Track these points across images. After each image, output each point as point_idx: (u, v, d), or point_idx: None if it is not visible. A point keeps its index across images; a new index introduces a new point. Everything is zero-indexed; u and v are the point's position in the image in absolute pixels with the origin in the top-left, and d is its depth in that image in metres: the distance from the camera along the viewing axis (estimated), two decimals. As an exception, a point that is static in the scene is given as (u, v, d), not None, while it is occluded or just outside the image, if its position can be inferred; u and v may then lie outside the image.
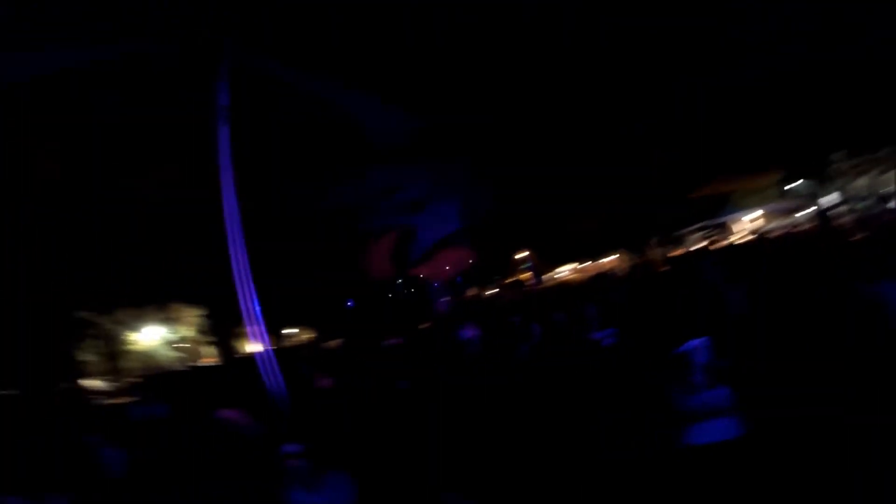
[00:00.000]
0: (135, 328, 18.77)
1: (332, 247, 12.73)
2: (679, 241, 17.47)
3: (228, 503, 3.79)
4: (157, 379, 14.39)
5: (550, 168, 12.97)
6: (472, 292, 24.29)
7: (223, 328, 19.39)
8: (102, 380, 17.39)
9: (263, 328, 4.80)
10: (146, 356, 19.07)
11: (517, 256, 21.44)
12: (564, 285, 17.15)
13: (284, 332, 20.61)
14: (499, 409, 4.63)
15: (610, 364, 4.94)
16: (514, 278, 21.93)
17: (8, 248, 9.02)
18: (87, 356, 17.41)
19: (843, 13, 8.56)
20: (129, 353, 18.68)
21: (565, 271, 21.81)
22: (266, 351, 4.82)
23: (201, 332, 20.39)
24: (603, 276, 12.30)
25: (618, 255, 19.30)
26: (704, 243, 15.32)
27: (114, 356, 18.13)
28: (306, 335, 21.92)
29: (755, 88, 10.35)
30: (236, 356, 19.38)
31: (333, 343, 18.34)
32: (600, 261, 19.90)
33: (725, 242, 14.28)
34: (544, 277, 20.75)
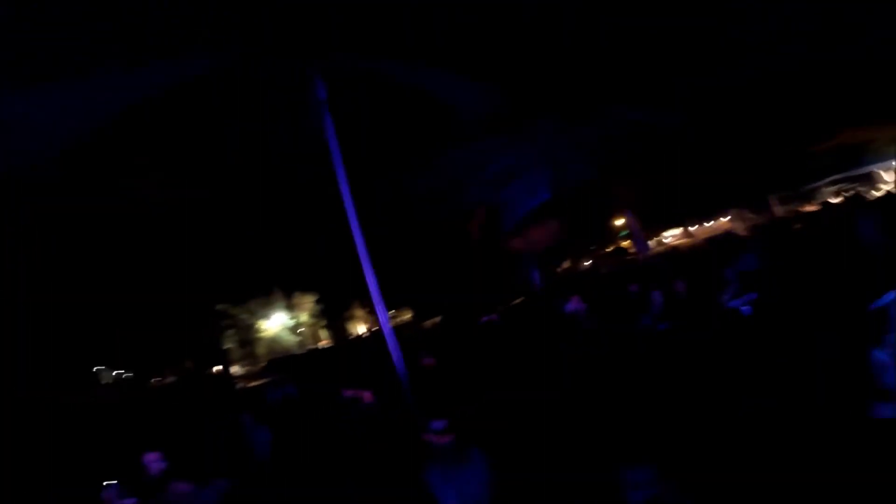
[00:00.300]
0: (264, 316, 21.04)
1: (425, 229, 12.98)
2: (807, 197, 15.39)
3: (368, 482, 3.99)
4: (286, 362, 15.96)
5: (647, 124, 11.93)
6: (566, 265, 23.45)
7: (335, 312, 20.98)
8: (241, 365, 19.77)
9: (384, 310, 5.00)
10: (273, 341, 21.30)
11: (616, 223, 20.12)
12: (676, 251, 15.94)
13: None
14: (631, 385, 4.40)
15: (756, 335, 4.42)
16: (615, 246, 20.73)
17: (161, 255, 10.40)
18: (228, 344, 19.88)
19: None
20: (259, 339, 21.02)
21: (672, 237, 20.20)
22: (388, 331, 5.03)
23: (316, 316, 22.27)
24: (724, 239, 11.20)
25: (730, 216, 17.49)
26: (845, 197, 13.34)
27: (248, 343, 20.51)
28: (406, 315, 22.89)
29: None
30: (350, 338, 20.92)
31: (431, 322, 18.90)
32: (712, 223, 18.21)
33: (877, 194, 12.29)
34: (650, 244, 19.35)
